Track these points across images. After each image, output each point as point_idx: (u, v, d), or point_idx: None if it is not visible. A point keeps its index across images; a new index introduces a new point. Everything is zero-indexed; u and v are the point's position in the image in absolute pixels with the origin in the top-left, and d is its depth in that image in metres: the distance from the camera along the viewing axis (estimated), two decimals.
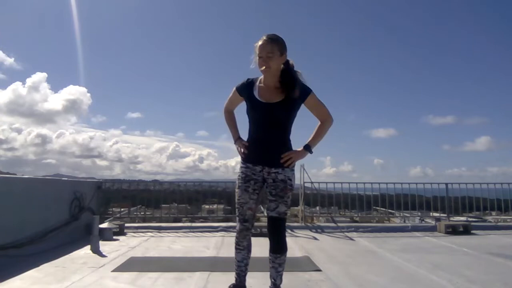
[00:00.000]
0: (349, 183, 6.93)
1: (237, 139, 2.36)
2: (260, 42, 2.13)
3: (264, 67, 2.13)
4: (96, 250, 4.00)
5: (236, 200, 2.27)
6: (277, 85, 2.19)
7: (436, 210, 7.74)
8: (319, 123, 2.32)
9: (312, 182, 6.69)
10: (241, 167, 2.28)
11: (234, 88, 2.34)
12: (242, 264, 2.34)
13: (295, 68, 2.25)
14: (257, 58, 2.14)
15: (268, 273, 2.32)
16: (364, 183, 7.08)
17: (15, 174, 6.64)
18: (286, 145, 2.24)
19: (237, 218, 2.29)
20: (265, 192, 2.27)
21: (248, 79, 2.29)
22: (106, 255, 3.87)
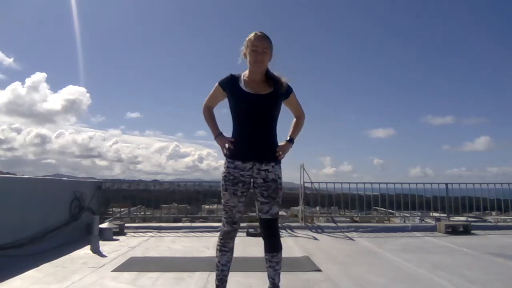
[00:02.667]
0: (349, 183, 6.94)
1: (218, 135, 2.26)
2: (254, 36, 2.14)
3: (258, 61, 2.13)
4: (96, 250, 4.00)
5: (224, 203, 2.18)
6: (263, 79, 2.20)
7: (436, 210, 7.74)
8: (295, 119, 2.40)
9: (312, 182, 6.69)
10: (228, 167, 2.16)
11: (217, 84, 2.25)
12: (226, 268, 2.24)
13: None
14: (248, 50, 2.13)
15: None
16: (364, 183, 7.10)
17: (15, 174, 6.65)
18: (274, 139, 2.22)
19: (224, 220, 2.20)
20: (255, 193, 2.20)
21: (232, 74, 2.24)
22: (106, 255, 3.87)
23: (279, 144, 2.24)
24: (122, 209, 7.00)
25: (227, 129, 2.27)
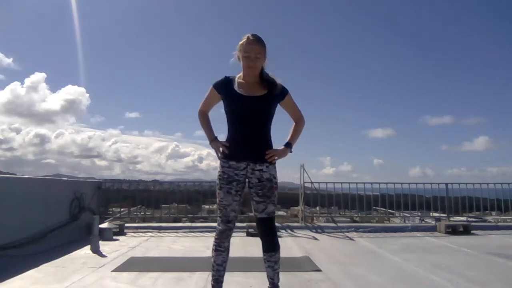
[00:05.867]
0: (349, 183, 6.93)
1: (213, 139, 2.31)
2: (246, 41, 2.16)
3: (251, 67, 2.16)
4: (96, 250, 4.00)
5: (218, 202, 2.21)
6: (257, 81, 2.22)
7: (436, 210, 7.74)
8: (294, 123, 2.37)
9: (312, 182, 6.69)
10: (223, 166, 2.22)
11: (212, 86, 2.28)
12: (221, 268, 2.23)
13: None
14: (241, 55, 2.17)
15: None
16: (364, 183, 7.06)
17: (15, 174, 6.65)
18: (268, 140, 2.24)
19: (219, 220, 2.21)
20: (250, 193, 2.21)
21: (226, 76, 2.28)
22: (106, 255, 3.88)
23: (277, 148, 2.25)
24: (122, 209, 6.99)
25: (225, 129, 2.29)
